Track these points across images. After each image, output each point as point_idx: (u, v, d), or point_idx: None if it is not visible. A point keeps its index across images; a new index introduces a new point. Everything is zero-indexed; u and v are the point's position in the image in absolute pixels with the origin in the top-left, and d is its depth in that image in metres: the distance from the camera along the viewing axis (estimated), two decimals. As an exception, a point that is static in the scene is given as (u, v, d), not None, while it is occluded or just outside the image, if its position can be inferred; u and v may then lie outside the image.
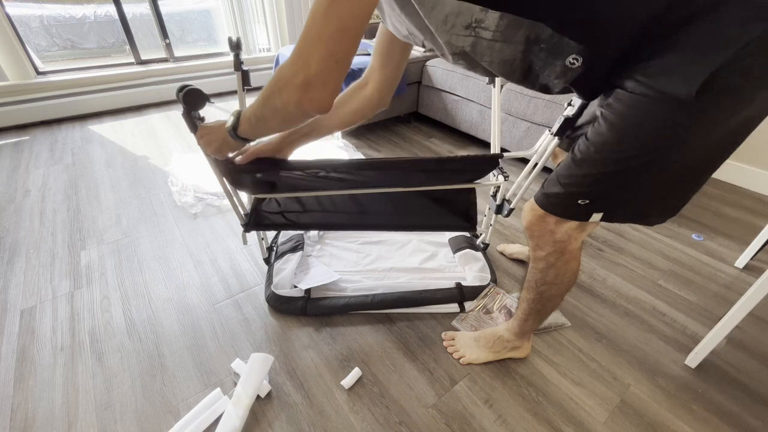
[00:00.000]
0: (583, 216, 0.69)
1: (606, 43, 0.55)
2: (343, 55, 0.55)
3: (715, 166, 0.62)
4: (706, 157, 0.61)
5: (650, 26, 0.52)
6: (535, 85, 0.65)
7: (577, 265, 0.79)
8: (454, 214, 1.20)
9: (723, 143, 0.59)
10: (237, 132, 0.73)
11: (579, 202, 0.67)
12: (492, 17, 0.55)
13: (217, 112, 2.79)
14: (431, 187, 1.09)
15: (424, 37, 0.66)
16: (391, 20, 0.70)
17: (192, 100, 0.78)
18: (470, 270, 1.27)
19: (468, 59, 0.64)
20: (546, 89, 0.65)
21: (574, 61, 0.57)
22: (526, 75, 0.63)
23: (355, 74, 2.01)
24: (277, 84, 0.59)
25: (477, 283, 1.22)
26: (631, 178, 0.63)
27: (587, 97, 0.68)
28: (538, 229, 0.75)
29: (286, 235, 1.42)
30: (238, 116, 0.72)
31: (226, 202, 1.68)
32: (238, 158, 0.90)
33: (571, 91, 0.67)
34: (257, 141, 0.85)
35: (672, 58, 0.52)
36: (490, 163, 1.01)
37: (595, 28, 0.54)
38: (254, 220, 1.13)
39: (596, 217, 0.68)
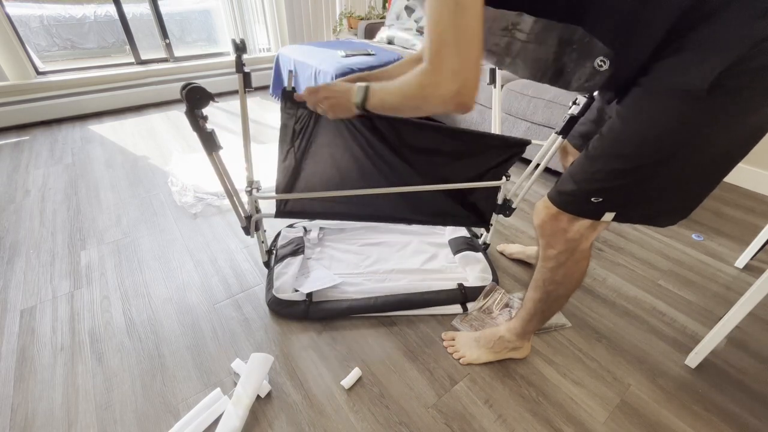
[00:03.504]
0: (595, 214, 0.69)
1: (631, 47, 0.57)
2: (480, 54, 0.58)
3: (728, 168, 0.62)
4: (718, 159, 0.61)
5: (673, 28, 0.53)
6: (569, 86, 0.67)
7: (587, 265, 0.79)
8: (473, 208, 1.27)
9: (736, 145, 0.59)
10: (366, 106, 0.74)
11: (592, 199, 0.67)
12: (527, 21, 0.60)
13: (217, 112, 2.79)
14: (460, 185, 1.15)
15: None
16: None
17: (195, 98, 0.78)
18: (471, 271, 1.27)
19: (499, 56, 0.68)
20: (580, 90, 0.67)
21: (602, 63, 0.59)
22: (559, 76, 0.66)
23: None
24: (423, 95, 0.62)
25: (479, 284, 1.22)
26: (644, 176, 0.63)
27: (609, 101, 0.69)
28: (550, 228, 0.75)
29: (285, 238, 1.42)
30: (366, 92, 0.73)
31: (226, 202, 1.68)
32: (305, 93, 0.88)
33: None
34: None
35: (687, 56, 0.53)
36: (519, 145, 1.09)
37: (622, 31, 0.56)
38: (284, 209, 1.18)
39: (608, 216, 0.68)
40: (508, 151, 1.11)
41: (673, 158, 0.60)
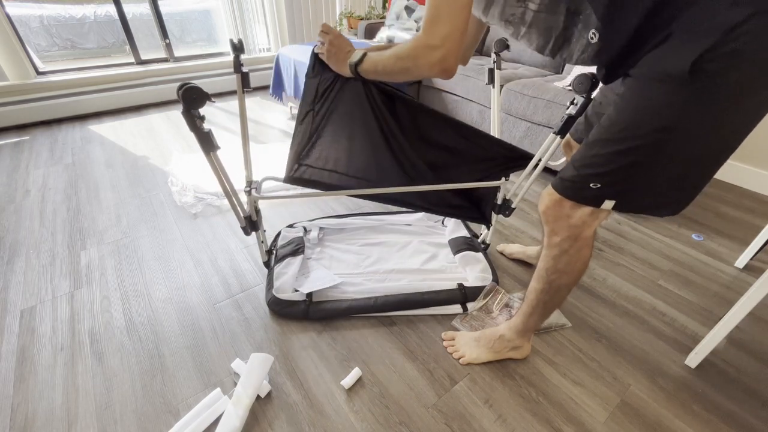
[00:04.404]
0: (595, 201, 0.71)
1: (617, 23, 0.61)
2: (465, 25, 0.68)
3: (723, 156, 0.63)
4: (711, 145, 0.62)
5: (654, 14, 0.58)
6: (572, 57, 0.72)
7: (589, 254, 0.80)
8: (477, 203, 1.30)
9: (727, 131, 0.60)
10: (358, 69, 0.84)
11: (591, 185, 0.69)
12: None
13: (217, 112, 2.79)
14: (461, 185, 1.18)
15: (484, 7, 0.77)
16: None
17: (192, 97, 0.78)
18: (471, 271, 1.27)
19: (516, 26, 0.75)
20: (579, 63, 0.73)
21: (593, 35, 0.64)
22: (566, 46, 0.71)
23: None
24: (414, 55, 0.72)
25: (479, 284, 1.22)
26: (639, 160, 0.65)
27: (605, 81, 0.75)
28: (553, 214, 0.77)
29: (285, 238, 1.42)
30: (363, 57, 0.83)
31: (227, 202, 1.68)
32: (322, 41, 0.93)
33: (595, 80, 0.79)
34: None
35: (670, 44, 0.58)
36: (525, 158, 1.11)
37: (612, 7, 0.61)
38: (294, 175, 1.14)
39: (608, 204, 0.70)
40: (515, 162, 1.14)
41: (664, 143, 0.61)
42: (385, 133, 1.08)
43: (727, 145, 0.62)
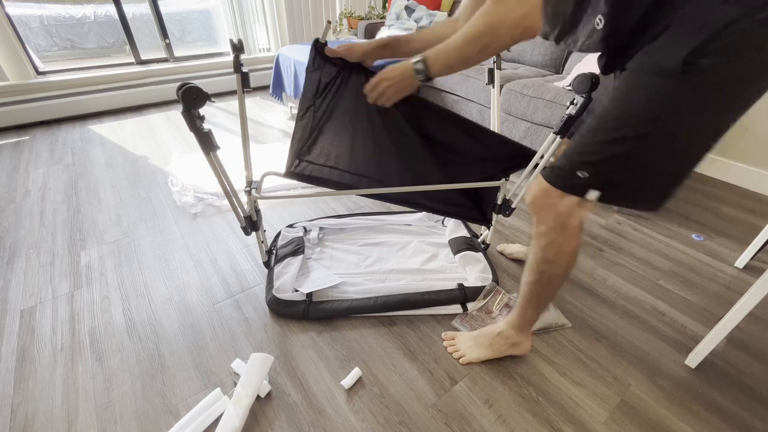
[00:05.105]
0: (580, 190, 0.72)
1: (624, 11, 0.63)
2: None
3: (705, 151, 0.65)
4: (698, 140, 0.64)
5: (653, 10, 0.59)
6: (576, 43, 0.72)
7: (577, 245, 0.81)
8: (479, 203, 1.29)
9: (714, 127, 0.62)
10: (430, 76, 0.82)
11: (578, 173, 0.71)
12: None
13: (217, 112, 2.79)
14: (462, 185, 1.18)
15: None
16: None
17: (192, 98, 0.78)
18: (472, 271, 1.27)
19: None
20: (582, 50, 0.73)
21: (600, 21, 0.65)
22: (572, 32, 0.71)
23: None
24: (491, 25, 0.70)
25: (479, 284, 1.22)
26: (628, 150, 0.66)
27: (603, 71, 0.75)
28: (540, 202, 0.78)
29: (285, 238, 1.42)
30: (425, 63, 0.80)
31: (226, 202, 1.68)
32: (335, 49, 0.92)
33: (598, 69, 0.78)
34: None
35: (666, 38, 0.59)
36: (526, 155, 1.11)
37: None
38: (294, 170, 1.12)
39: (593, 194, 0.71)
40: (518, 159, 1.13)
41: (653, 134, 0.63)
42: (388, 130, 1.07)
43: (711, 139, 0.63)
